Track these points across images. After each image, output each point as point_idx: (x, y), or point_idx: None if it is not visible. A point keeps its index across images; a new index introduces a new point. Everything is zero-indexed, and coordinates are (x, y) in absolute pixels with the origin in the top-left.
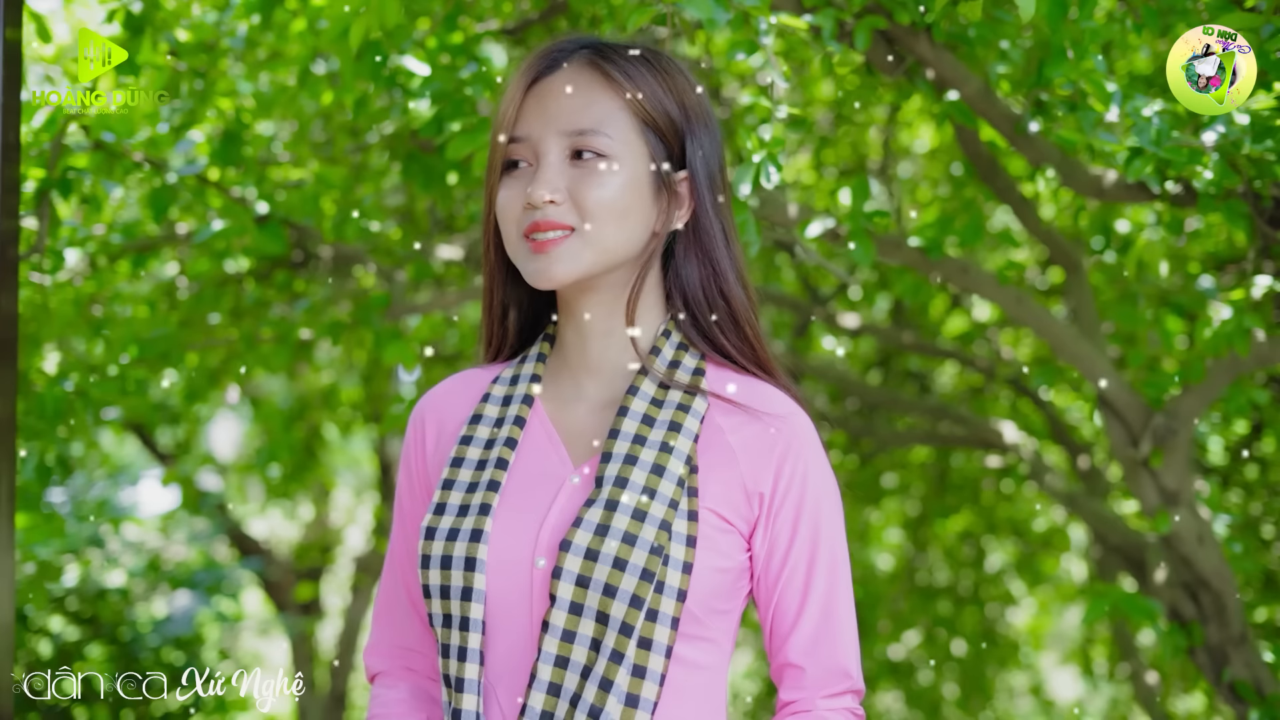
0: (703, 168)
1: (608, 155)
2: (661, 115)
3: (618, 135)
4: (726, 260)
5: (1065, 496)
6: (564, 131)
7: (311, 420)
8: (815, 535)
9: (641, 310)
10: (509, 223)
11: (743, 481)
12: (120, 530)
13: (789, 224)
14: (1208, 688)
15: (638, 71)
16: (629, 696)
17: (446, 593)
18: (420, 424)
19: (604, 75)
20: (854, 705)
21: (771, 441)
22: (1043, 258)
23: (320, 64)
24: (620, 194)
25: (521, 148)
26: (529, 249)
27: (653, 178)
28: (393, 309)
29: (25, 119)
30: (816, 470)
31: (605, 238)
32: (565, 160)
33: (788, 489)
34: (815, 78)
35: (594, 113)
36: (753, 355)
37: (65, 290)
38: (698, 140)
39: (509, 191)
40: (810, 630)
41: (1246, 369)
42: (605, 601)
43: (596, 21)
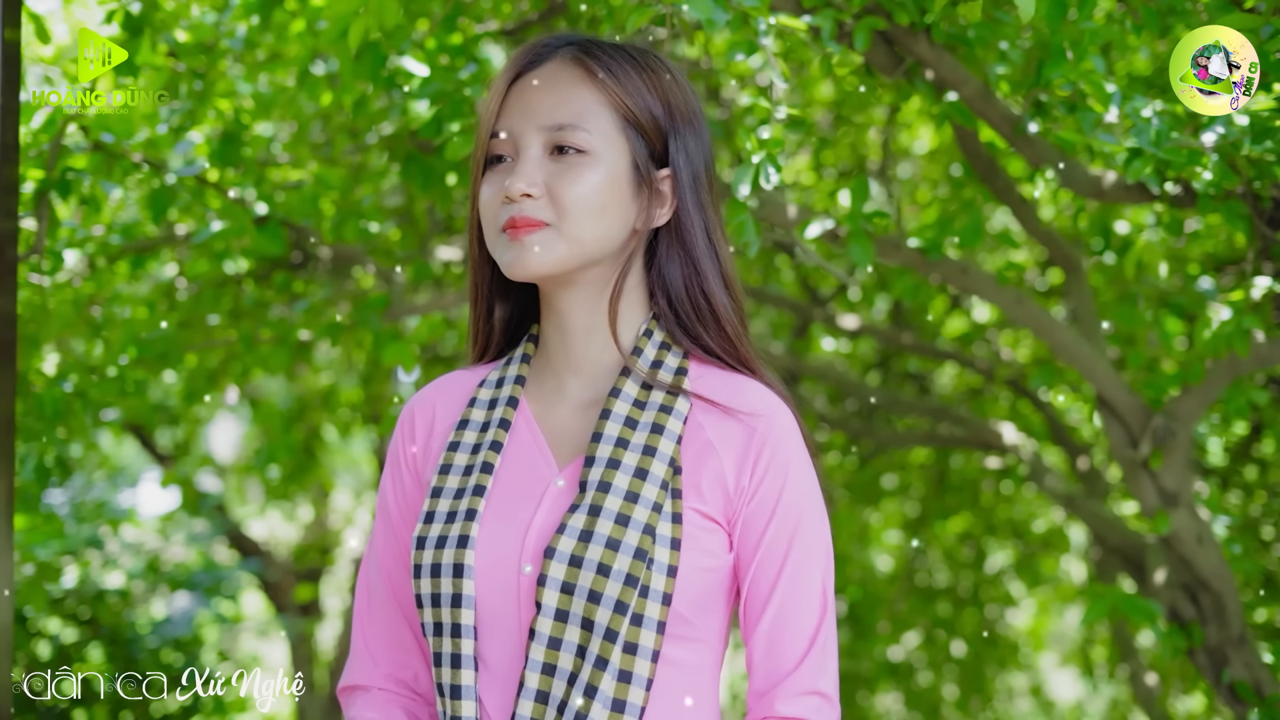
0: (685, 166)
1: (586, 150)
2: (644, 112)
3: (597, 131)
4: (709, 259)
5: (1065, 497)
6: (543, 126)
7: (311, 421)
8: (792, 530)
9: (623, 308)
10: (488, 217)
11: (724, 478)
12: (119, 531)
13: (788, 225)
14: (1207, 689)
15: (621, 69)
16: (615, 702)
17: (437, 600)
18: (410, 423)
19: (587, 71)
20: (812, 713)
21: (752, 437)
22: (1042, 259)
23: (319, 65)
24: (598, 190)
25: (503, 143)
26: (506, 240)
27: (633, 175)
28: (392, 310)
29: (24, 120)
30: (797, 466)
31: (581, 233)
32: (545, 155)
33: (766, 482)
34: (814, 79)
35: (574, 108)
36: (735, 353)
37: (64, 291)
38: (681, 139)
39: (490, 186)
40: (768, 627)
41: (1246, 370)
42: (590, 608)
43: (596, 22)
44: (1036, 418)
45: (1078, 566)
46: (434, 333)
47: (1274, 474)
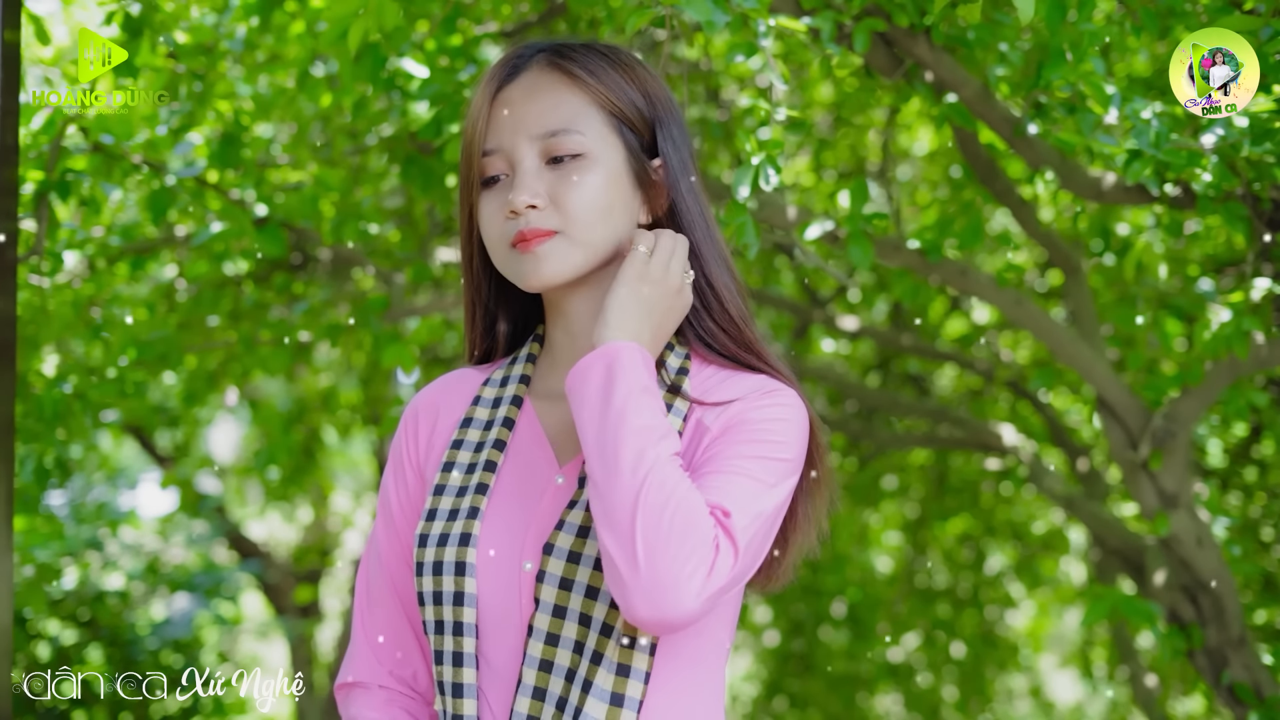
0: (675, 154)
1: (582, 153)
2: (629, 106)
3: (590, 132)
4: (708, 243)
5: (1064, 499)
6: (535, 135)
7: (310, 423)
8: (733, 432)
9: None
10: (494, 236)
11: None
12: (119, 533)
13: (788, 226)
14: (1207, 690)
15: (599, 66)
16: (614, 696)
17: (439, 598)
18: (414, 420)
19: (567, 75)
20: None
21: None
22: (1042, 260)
23: (319, 66)
24: (601, 191)
25: (496, 160)
26: (517, 254)
27: (629, 169)
28: (391, 311)
29: (24, 121)
30: (761, 404)
31: (592, 236)
32: (541, 164)
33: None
34: (814, 80)
35: (562, 112)
36: (740, 337)
37: (64, 292)
38: (666, 128)
39: (490, 205)
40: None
41: (1245, 371)
42: (588, 604)
43: (595, 24)
44: (1036, 419)
45: (1077, 568)
46: (433, 334)
47: (1274, 475)
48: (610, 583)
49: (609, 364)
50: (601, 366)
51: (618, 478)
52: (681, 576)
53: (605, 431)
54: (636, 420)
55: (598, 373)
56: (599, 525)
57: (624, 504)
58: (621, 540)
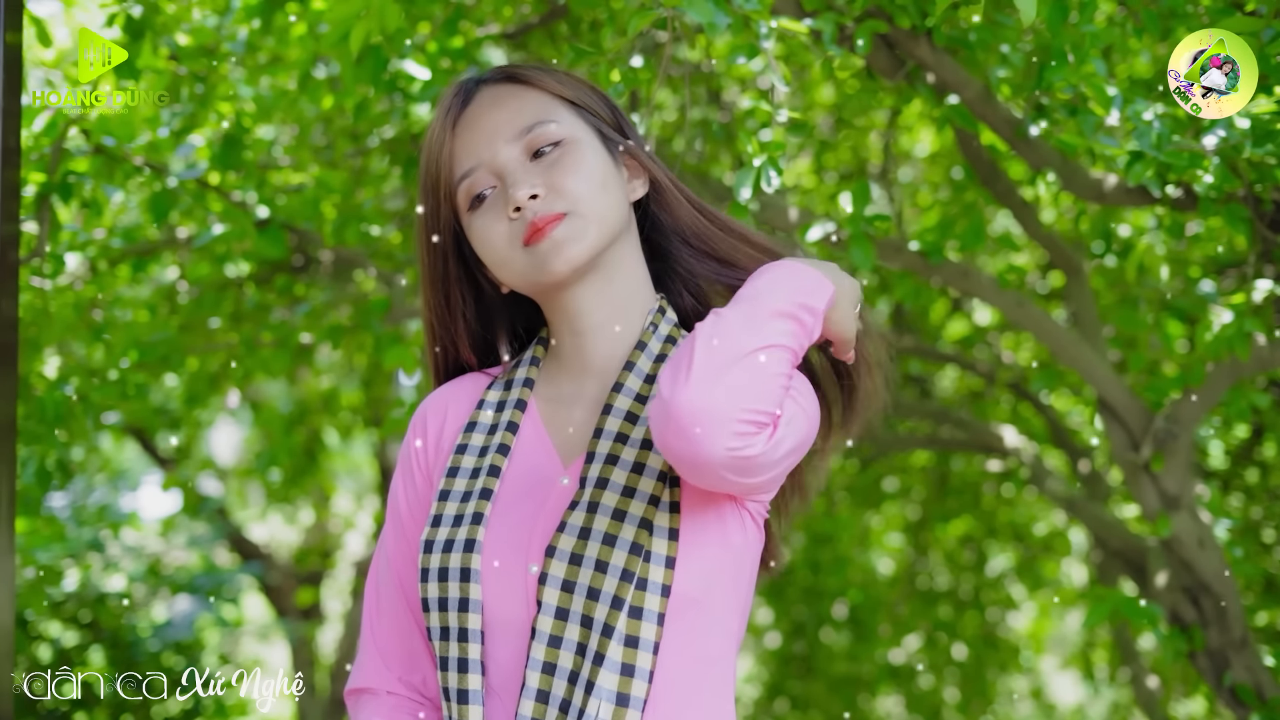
0: (636, 138)
1: (562, 139)
2: (584, 99)
3: (563, 120)
4: (695, 217)
5: (1066, 500)
6: (513, 136)
7: (312, 425)
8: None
9: (630, 293)
10: (501, 245)
11: None
12: (120, 535)
13: (789, 228)
14: (1209, 692)
15: (545, 72)
16: (618, 696)
17: (445, 605)
18: (422, 424)
19: (521, 83)
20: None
21: None
22: (1043, 262)
23: (321, 68)
24: (594, 167)
25: (478, 176)
26: (532, 249)
27: (606, 149)
28: (393, 313)
29: (26, 123)
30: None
31: (599, 209)
32: (527, 160)
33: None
34: (816, 82)
35: (532, 108)
36: (761, 248)
37: (65, 294)
38: (620, 116)
39: (486, 219)
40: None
41: (1247, 373)
42: (590, 605)
43: (597, 25)
44: (1038, 421)
45: (1079, 569)
46: None
47: (1275, 477)
48: (664, 384)
49: (828, 276)
50: (819, 273)
51: (750, 324)
52: (730, 415)
53: (775, 296)
54: (796, 321)
55: (812, 272)
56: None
57: (735, 341)
58: (711, 357)
